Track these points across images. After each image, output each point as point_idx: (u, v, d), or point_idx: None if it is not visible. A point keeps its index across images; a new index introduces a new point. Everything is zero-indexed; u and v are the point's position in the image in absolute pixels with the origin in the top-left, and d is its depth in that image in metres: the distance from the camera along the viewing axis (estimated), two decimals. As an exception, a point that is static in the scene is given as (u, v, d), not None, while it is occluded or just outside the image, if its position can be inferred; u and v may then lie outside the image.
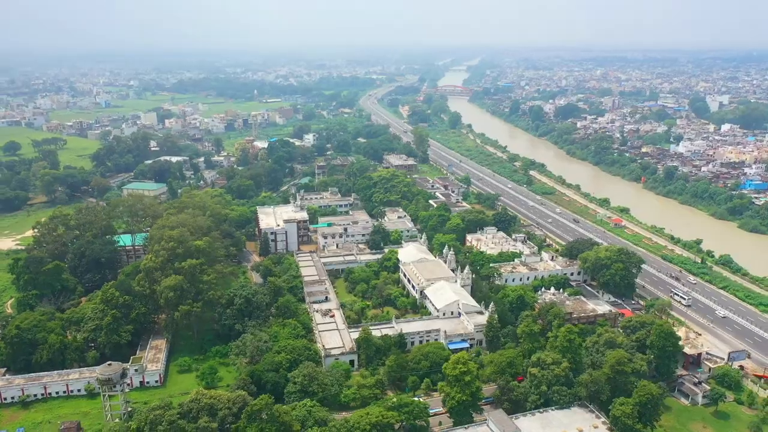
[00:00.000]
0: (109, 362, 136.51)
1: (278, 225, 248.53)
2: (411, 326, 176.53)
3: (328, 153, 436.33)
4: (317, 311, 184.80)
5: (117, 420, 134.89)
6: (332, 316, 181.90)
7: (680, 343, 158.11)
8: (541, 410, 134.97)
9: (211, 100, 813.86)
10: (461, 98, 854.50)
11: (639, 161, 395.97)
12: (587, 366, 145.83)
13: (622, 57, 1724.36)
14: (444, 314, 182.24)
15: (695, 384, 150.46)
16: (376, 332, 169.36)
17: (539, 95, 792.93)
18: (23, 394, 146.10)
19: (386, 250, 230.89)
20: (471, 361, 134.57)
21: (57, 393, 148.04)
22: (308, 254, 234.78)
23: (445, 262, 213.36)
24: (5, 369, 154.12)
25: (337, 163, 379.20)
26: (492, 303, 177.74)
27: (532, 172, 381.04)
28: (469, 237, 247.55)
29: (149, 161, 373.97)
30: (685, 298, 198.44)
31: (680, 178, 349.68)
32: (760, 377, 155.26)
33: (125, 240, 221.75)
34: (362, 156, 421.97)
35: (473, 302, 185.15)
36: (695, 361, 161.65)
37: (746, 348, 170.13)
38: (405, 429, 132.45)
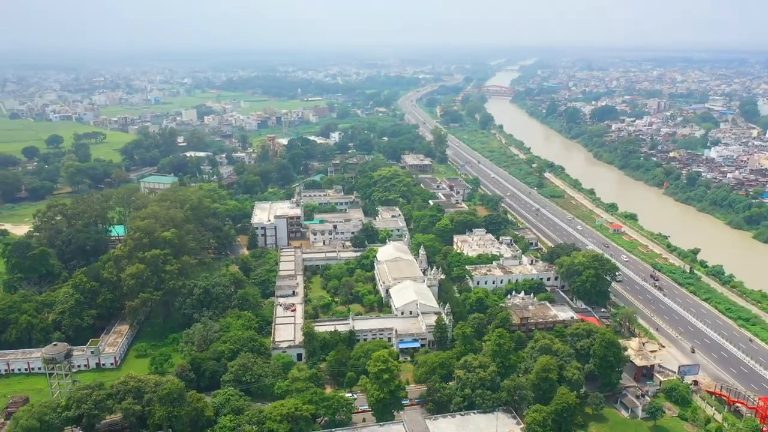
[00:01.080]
0: (54, 342, 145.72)
1: (269, 220, 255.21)
2: (367, 324, 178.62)
3: (350, 151, 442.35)
4: (281, 305, 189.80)
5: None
6: (293, 310, 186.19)
7: (629, 353, 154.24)
8: (462, 413, 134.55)
9: (256, 98, 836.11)
10: (504, 99, 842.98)
11: (663, 166, 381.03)
12: (521, 371, 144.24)
13: (687, 57, 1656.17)
14: (402, 313, 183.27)
15: (638, 396, 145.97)
16: (330, 328, 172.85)
17: (583, 96, 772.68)
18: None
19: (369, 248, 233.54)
20: (392, 360, 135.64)
21: (19, 369, 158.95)
22: (293, 249, 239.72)
23: (419, 262, 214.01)
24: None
25: (351, 162, 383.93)
26: (447, 304, 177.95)
27: (547, 175, 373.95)
28: (456, 238, 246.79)
29: (172, 156, 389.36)
30: (616, 274, 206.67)
31: (702, 184, 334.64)
32: (712, 393, 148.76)
33: (118, 230, 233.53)
34: (382, 155, 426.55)
35: (433, 303, 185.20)
36: (648, 374, 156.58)
37: (713, 363, 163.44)
38: (325, 422, 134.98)
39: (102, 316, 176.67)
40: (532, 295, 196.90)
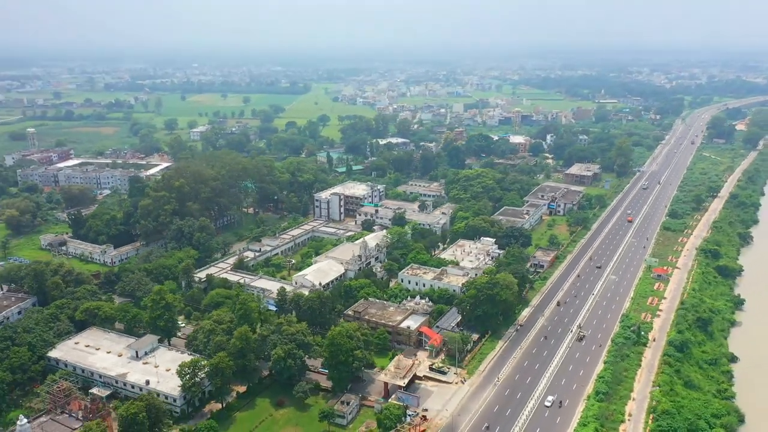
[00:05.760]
0: (57, 234, 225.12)
1: (326, 196, 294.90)
2: (260, 283, 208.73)
3: (544, 153, 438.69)
4: (240, 256, 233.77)
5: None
6: (240, 259, 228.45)
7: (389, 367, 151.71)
8: (191, 352, 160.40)
9: (556, 97, 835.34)
10: None
11: None
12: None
13: None
14: (296, 283, 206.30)
15: (342, 403, 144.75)
16: (237, 278, 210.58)
17: None
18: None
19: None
20: (167, 295, 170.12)
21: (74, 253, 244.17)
22: (318, 222, 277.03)
23: (366, 248, 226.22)
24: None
25: (500, 162, 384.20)
26: (319, 283, 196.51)
27: (714, 207, 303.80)
28: (459, 241, 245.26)
29: (352, 139, 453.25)
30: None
31: None
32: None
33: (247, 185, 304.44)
34: (563, 161, 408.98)
35: (317, 281, 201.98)
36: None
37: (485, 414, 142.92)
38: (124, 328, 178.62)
39: (138, 233, 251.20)
40: (430, 303, 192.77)
